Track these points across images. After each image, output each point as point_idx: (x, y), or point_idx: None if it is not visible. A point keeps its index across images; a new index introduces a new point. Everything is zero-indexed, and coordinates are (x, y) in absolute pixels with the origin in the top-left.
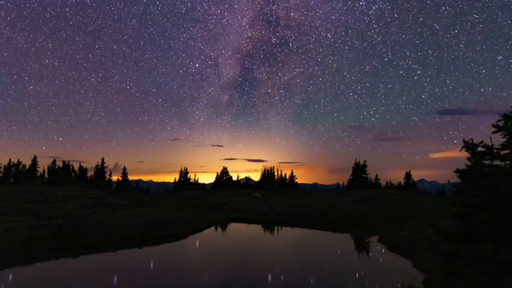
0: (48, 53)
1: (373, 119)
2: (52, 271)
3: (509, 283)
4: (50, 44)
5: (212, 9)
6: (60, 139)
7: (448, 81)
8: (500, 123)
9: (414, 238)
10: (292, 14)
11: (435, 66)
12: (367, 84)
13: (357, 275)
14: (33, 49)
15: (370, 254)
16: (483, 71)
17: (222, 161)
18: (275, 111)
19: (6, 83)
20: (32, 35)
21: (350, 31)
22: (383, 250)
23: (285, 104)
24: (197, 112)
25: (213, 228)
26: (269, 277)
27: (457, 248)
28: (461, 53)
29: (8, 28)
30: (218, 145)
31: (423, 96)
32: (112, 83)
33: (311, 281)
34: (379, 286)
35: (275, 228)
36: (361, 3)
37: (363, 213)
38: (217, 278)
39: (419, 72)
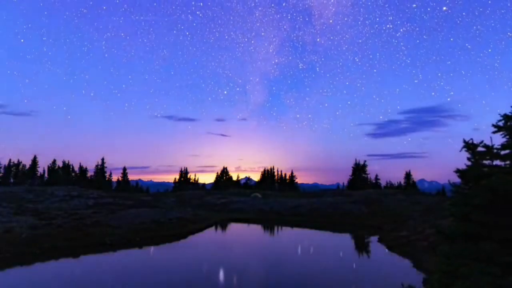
0: (85, 84)
1: (405, 142)
2: (52, 271)
3: (509, 283)
4: (87, 76)
5: (240, 37)
6: (89, 163)
7: (484, 102)
8: (500, 123)
9: (414, 238)
10: (318, 40)
11: (469, 87)
12: (398, 107)
13: (357, 275)
14: (71, 81)
15: (370, 254)
16: None
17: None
18: (303, 135)
19: (45, 113)
20: (71, 68)
21: (377, 54)
22: (383, 250)
23: (314, 128)
24: (226, 138)
25: (213, 228)
26: (269, 278)
27: (457, 248)
28: (496, 73)
29: (49, 62)
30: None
31: (458, 118)
32: (144, 111)
33: (311, 283)
34: (380, 286)
35: (275, 228)
36: (388, 25)
37: (363, 213)
38: (218, 278)
39: (452, 93)
